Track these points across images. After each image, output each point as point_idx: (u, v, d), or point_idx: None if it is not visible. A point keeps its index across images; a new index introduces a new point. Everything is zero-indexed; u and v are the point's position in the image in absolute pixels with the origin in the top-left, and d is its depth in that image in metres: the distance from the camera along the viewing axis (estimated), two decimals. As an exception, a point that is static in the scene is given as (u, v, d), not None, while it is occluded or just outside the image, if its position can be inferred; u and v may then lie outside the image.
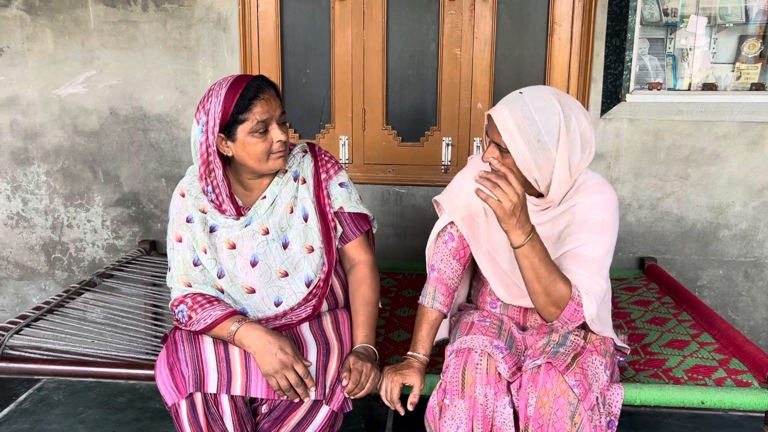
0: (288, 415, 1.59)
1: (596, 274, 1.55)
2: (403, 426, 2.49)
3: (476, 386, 1.55)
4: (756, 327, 2.96)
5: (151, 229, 3.10)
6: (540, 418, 1.51)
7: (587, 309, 1.53)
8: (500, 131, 1.54)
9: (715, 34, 2.85)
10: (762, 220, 2.85)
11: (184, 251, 1.72)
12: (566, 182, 1.60)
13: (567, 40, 2.84)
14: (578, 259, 1.57)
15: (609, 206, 1.60)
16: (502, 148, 1.57)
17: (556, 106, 1.54)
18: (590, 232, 1.58)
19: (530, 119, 1.52)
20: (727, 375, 1.85)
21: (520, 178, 1.55)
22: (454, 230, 1.76)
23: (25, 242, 3.15)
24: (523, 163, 1.55)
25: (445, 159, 2.96)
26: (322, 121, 3.02)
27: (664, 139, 2.81)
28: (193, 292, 1.70)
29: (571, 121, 1.55)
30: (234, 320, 1.61)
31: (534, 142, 1.52)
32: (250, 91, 1.60)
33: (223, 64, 2.90)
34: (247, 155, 1.64)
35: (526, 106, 1.53)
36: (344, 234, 1.83)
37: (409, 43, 2.93)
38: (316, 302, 1.77)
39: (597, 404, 1.55)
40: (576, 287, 1.53)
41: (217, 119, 1.60)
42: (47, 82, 2.97)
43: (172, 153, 3.00)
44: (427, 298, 1.76)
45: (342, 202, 1.80)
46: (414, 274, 2.81)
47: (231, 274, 1.72)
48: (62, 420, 2.51)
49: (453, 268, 1.77)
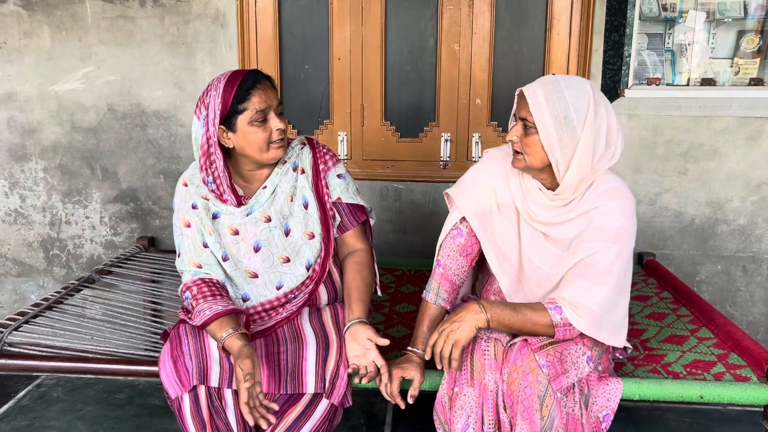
0: (288, 409, 1.59)
1: (602, 283, 1.56)
2: (402, 421, 2.49)
3: (485, 372, 1.56)
4: (754, 322, 2.97)
5: (150, 226, 3.10)
6: (511, 394, 1.53)
7: (576, 324, 1.56)
8: (529, 103, 1.54)
9: (713, 30, 2.85)
10: (760, 215, 2.86)
11: (193, 235, 1.75)
12: (585, 170, 1.56)
13: (566, 35, 2.84)
14: (589, 270, 1.57)
15: (627, 213, 1.59)
16: (528, 124, 1.56)
17: (587, 88, 1.54)
18: (605, 240, 1.57)
19: (560, 94, 1.52)
20: (725, 370, 1.86)
21: (541, 160, 1.57)
22: (464, 226, 1.75)
23: (23, 239, 3.15)
24: (547, 139, 1.53)
25: (443, 155, 2.95)
26: (320, 117, 3.01)
27: (663, 134, 2.81)
28: (201, 279, 1.72)
29: (600, 107, 1.54)
30: (224, 325, 1.59)
31: (561, 118, 1.51)
32: (247, 82, 1.65)
33: (221, 60, 2.89)
34: (248, 145, 1.67)
35: (557, 83, 1.54)
36: (342, 224, 1.86)
37: (407, 39, 2.92)
38: (313, 287, 1.78)
39: (573, 392, 1.55)
40: (560, 307, 1.56)
41: (218, 111, 1.63)
42: (44, 78, 2.96)
43: (170, 149, 3.00)
44: (430, 293, 1.76)
45: (340, 193, 1.83)
46: (413, 270, 2.81)
47: (234, 258, 1.76)
48: (61, 417, 2.51)
49: (459, 264, 1.76)
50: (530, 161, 1.59)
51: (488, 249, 1.73)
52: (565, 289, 1.59)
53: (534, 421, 1.49)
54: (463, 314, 1.57)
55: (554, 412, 1.50)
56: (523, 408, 1.51)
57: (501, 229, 1.71)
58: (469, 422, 1.54)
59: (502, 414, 1.54)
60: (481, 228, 1.71)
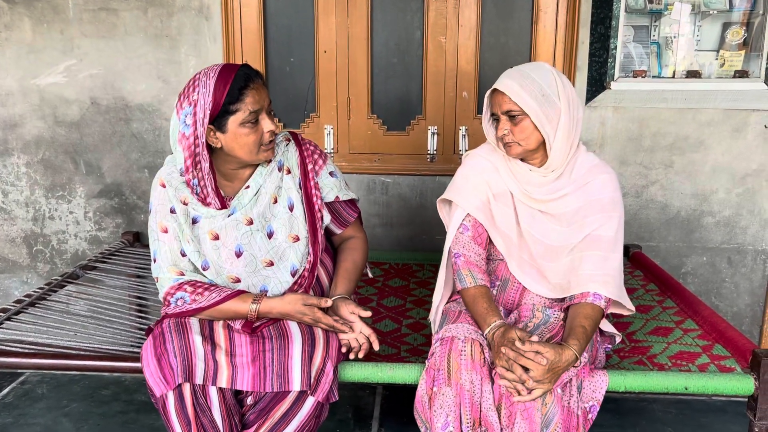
0: (273, 407, 1.58)
1: (612, 250, 1.71)
2: (390, 415, 2.50)
3: (462, 372, 1.56)
4: (739, 313, 2.99)
5: (135, 221, 3.07)
6: (510, 395, 1.54)
7: (608, 293, 1.69)
8: (510, 96, 1.66)
9: (699, 22, 2.86)
10: (745, 207, 2.87)
11: (170, 242, 1.70)
12: (569, 136, 1.69)
13: (552, 27, 2.84)
14: (598, 241, 1.71)
15: (616, 184, 1.77)
16: (514, 113, 1.67)
17: (546, 66, 1.72)
18: (605, 211, 1.73)
19: (529, 78, 1.67)
20: (710, 361, 1.87)
21: (536, 139, 1.70)
22: (468, 221, 1.81)
23: (5, 234, 3.11)
24: (537, 117, 1.65)
25: (431, 148, 2.95)
26: (306, 111, 2.99)
27: (649, 126, 2.82)
28: (190, 280, 1.69)
29: (563, 78, 1.71)
30: (248, 298, 1.67)
31: (539, 96, 1.65)
32: (239, 80, 1.58)
33: (205, 53, 2.86)
34: (238, 147, 1.62)
35: (521, 70, 1.70)
36: (342, 220, 1.88)
37: (393, 32, 2.91)
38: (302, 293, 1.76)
39: (570, 385, 1.56)
40: (595, 294, 1.68)
41: (207, 110, 1.57)
42: (26, 72, 2.92)
43: (154, 143, 2.97)
44: (467, 279, 1.76)
45: (337, 192, 1.82)
46: (400, 264, 2.80)
47: (216, 265, 1.71)
48: (46, 413, 2.49)
49: (476, 251, 1.80)
50: (525, 145, 1.71)
51: (494, 234, 1.81)
52: (583, 267, 1.71)
53: (534, 421, 1.51)
54: (562, 365, 1.54)
55: (554, 409, 1.52)
56: (524, 407, 1.52)
57: (500, 215, 1.80)
58: (448, 421, 1.55)
59: (490, 414, 1.55)
60: (485, 217, 1.80)
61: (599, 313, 1.67)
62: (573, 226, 1.74)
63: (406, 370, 1.77)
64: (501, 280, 1.83)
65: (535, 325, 1.70)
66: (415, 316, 2.27)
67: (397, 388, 2.62)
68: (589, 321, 1.64)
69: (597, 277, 1.69)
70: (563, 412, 1.54)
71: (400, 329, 2.17)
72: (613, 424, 2.44)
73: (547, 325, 1.69)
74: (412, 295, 2.46)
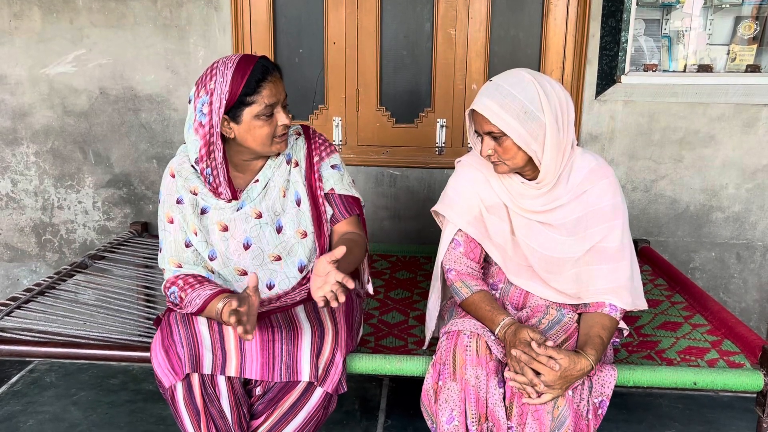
0: (282, 397, 1.59)
1: (621, 259, 1.66)
2: (396, 406, 2.50)
3: (467, 368, 1.56)
4: (747, 309, 2.98)
5: (143, 211, 3.07)
6: (521, 395, 1.53)
7: (624, 305, 1.66)
8: (488, 118, 1.57)
9: (711, 15, 2.84)
10: (755, 203, 2.86)
11: (175, 232, 1.71)
12: (558, 147, 1.60)
13: (563, 20, 2.82)
14: (604, 253, 1.66)
15: (615, 188, 1.69)
16: (496, 135, 1.59)
17: (527, 77, 1.58)
18: (607, 221, 1.66)
19: (510, 96, 1.56)
20: (719, 356, 1.86)
21: (522, 158, 1.60)
22: (460, 236, 1.77)
23: (15, 223, 3.12)
24: (519, 137, 1.57)
25: (439, 141, 2.94)
26: (315, 102, 2.99)
27: (659, 121, 2.80)
28: (185, 273, 1.69)
29: (545, 85, 1.58)
30: (221, 299, 1.56)
31: (522, 114, 1.55)
32: (257, 72, 1.57)
33: (214, 44, 2.85)
34: (251, 138, 1.62)
35: (500, 87, 1.58)
36: (333, 215, 1.80)
37: (403, 24, 2.89)
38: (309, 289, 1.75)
39: (582, 388, 1.56)
40: (611, 305, 1.65)
41: (224, 100, 1.56)
42: (35, 61, 2.92)
43: (163, 134, 2.97)
44: (462, 291, 1.73)
45: (333, 184, 1.79)
46: (407, 257, 2.80)
47: (223, 256, 1.71)
48: (55, 402, 2.51)
49: (468, 264, 1.77)
50: (512, 164, 1.64)
51: (489, 247, 1.77)
52: (595, 282, 1.66)
53: (543, 423, 1.50)
54: (576, 374, 1.52)
55: (566, 412, 1.51)
56: (534, 408, 1.51)
57: (494, 227, 1.75)
58: (453, 415, 1.55)
59: (497, 409, 1.54)
60: (478, 232, 1.75)
61: (615, 324, 1.66)
62: (575, 237, 1.68)
63: (413, 363, 1.77)
64: (504, 283, 1.81)
65: (549, 323, 1.67)
66: (422, 308, 2.27)
67: (404, 380, 2.62)
68: (607, 332, 1.62)
69: (610, 291, 1.66)
70: (575, 415, 1.53)
71: (407, 321, 2.17)
72: (620, 419, 2.44)
73: (561, 325, 1.66)
74: (420, 287, 2.46)
